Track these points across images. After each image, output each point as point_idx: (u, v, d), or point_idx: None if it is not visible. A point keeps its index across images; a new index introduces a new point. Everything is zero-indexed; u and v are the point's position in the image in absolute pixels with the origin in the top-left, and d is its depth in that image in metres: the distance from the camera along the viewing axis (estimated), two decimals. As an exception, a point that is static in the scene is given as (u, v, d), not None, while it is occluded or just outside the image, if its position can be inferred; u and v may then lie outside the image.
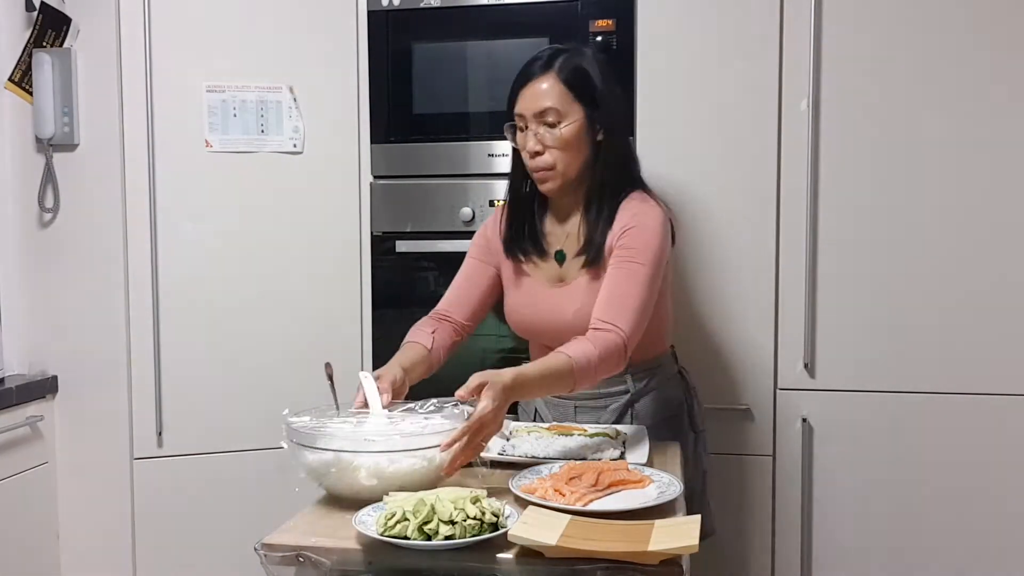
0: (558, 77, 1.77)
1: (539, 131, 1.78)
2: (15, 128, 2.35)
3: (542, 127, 1.78)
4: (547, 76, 1.78)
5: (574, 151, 1.79)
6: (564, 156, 1.78)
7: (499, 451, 1.68)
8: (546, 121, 1.77)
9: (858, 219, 2.22)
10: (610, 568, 1.21)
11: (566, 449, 1.67)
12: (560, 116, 1.76)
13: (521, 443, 1.71)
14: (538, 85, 1.78)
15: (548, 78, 1.77)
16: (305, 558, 1.28)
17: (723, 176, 2.25)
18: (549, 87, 1.77)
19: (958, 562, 2.22)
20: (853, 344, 2.24)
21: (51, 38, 2.31)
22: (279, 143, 2.41)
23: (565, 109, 1.77)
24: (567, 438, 1.72)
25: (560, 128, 1.77)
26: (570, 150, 1.78)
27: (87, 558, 2.39)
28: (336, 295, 2.45)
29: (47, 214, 2.36)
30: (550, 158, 1.78)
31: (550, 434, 1.74)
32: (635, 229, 1.76)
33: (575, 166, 1.80)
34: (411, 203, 2.41)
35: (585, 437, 1.72)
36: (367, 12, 2.39)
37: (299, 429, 1.50)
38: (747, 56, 2.23)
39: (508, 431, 1.79)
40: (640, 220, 1.77)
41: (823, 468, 2.27)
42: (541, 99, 1.77)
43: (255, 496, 2.32)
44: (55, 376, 2.37)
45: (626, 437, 1.74)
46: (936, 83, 2.17)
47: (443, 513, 1.25)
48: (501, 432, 1.75)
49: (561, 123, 1.77)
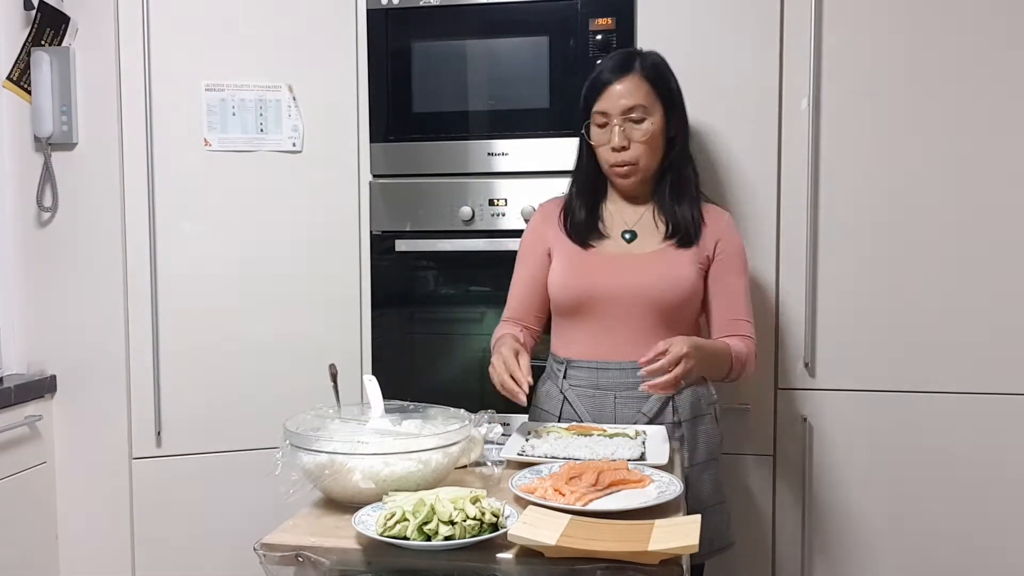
0: (642, 75, 1.88)
1: (625, 127, 1.86)
2: (13, 127, 2.35)
3: (628, 123, 1.87)
4: (631, 75, 1.87)
5: (656, 147, 1.90)
6: (647, 151, 1.89)
7: (519, 451, 1.67)
8: (631, 118, 1.86)
9: (858, 219, 2.22)
10: (610, 568, 1.21)
11: (588, 449, 1.66)
12: (646, 113, 1.87)
13: (540, 444, 1.70)
14: (623, 84, 1.87)
15: (633, 77, 1.87)
16: (304, 558, 1.28)
17: (723, 175, 2.25)
18: (635, 85, 1.87)
19: (959, 561, 2.22)
20: (853, 344, 2.24)
21: (49, 36, 2.31)
22: (278, 142, 2.40)
23: (650, 106, 1.88)
24: (587, 438, 1.71)
25: (646, 124, 1.87)
26: (653, 146, 1.89)
27: (86, 558, 2.38)
28: (335, 294, 2.44)
29: (45, 213, 2.35)
30: (635, 153, 1.88)
31: (569, 434, 1.73)
32: (731, 238, 1.94)
33: (655, 162, 1.92)
34: (410, 202, 2.41)
35: (605, 437, 1.71)
36: (366, 11, 2.39)
37: (295, 431, 1.49)
38: (747, 55, 2.23)
39: (527, 433, 1.78)
40: (731, 228, 1.95)
41: (823, 468, 2.27)
42: (628, 97, 1.86)
43: (254, 496, 2.31)
44: (54, 376, 2.37)
45: (645, 437, 1.73)
46: (936, 82, 2.17)
47: (443, 513, 1.25)
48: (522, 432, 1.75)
49: (647, 119, 1.87)
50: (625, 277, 1.89)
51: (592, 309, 1.90)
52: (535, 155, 2.32)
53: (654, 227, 1.94)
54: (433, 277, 2.44)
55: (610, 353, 1.89)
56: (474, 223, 2.36)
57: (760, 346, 2.00)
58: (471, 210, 2.36)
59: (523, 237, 2.05)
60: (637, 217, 1.96)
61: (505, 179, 2.35)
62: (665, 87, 1.90)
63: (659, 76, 1.90)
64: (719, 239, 1.92)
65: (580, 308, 1.92)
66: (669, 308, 1.88)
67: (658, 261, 1.90)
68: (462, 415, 1.61)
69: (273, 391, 2.35)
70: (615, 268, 1.90)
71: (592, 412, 1.90)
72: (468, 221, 2.36)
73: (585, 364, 1.91)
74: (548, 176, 2.26)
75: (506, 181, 2.35)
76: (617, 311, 1.88)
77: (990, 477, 2.20)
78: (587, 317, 1.91)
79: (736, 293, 1.93)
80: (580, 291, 1.91)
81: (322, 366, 1.77)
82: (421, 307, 2.46)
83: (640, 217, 1.96)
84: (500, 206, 2.35)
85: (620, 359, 1.87)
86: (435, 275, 2.44)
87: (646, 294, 1.87)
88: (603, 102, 1.88)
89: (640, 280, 1.88)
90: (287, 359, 2.40)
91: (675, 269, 1.89)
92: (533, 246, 2.01)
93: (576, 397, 1.92)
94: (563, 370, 1.93)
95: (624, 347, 1.87)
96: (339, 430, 1.55)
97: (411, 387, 2.06)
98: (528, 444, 1.70)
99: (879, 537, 2.25)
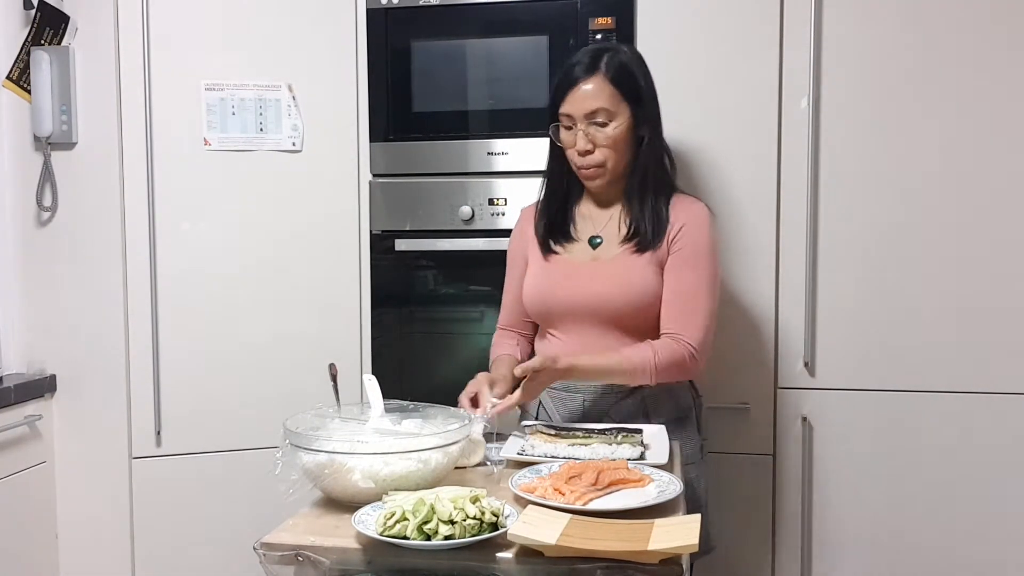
0: (606, 77, 1.82)
1: (589, 131, 1.83)
2: (13, 126, 2.35)
3: (592, 127, 1.83)
4: (595, 77, 1.82)
5: (623, 149, 1.85)
6: (614, 154, 1.84)
7: (519, 451, 1.67)
8: (596, 121, 1.82)
9: (858, 219, 2.22)
10: (610, 567, 1.21)
11: (588, 449, 1.64)
12: (610, 116, 1.82)
13: (540, 444, 1.69)
14: (587, 86, 1.82)
15: (596, 79, 1.82)
16: (304, 557, 1.28)
17: (723, 175, 2.25)
18: (598, 88, 1.82)
19: (958, 560, 2.22)
20: (853, 343, 2.24)
21: (49, 36, 2.31)
22: (278, 141, 2.40)
23: (615, 109, 1.82)
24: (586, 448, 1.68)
25: (610, 127, 1.82)
26: (619, 148, 1.85)
27: (86, 557, 2.38)
28: (335, 293, 2.44)
29: (45, 213, 2.35)
30: (600, 156, 1.84)
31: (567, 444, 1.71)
32: (694, 231, 1.84)
33: (623, 163, 1.87)
34: (410, 201, 2.41)
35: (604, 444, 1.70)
36: (366, 10, 2.39)
37: (294, 430, 1.49)
38: (747, 54, 2.22)
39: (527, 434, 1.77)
40: (698, 222, 1.85)
41: (823, 467, 2.27)
42: (591, 100, 1.81)
43: (254, 495, 2.31)
44: (53, 375, 2.37)
45: (641, 438, 1.72)
46: (936, 81, 2.17)
47: (443, 513, 1.25)
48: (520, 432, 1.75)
49: (611, 122, 1.82)
50: (582, 287, 1.86)
51: (556, 318, 1.90)
52: (535, 154, 2.30)
53: (617, 231, 1.89)
54: (433, 276, 2.44)
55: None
56: (474, 222, 2.36)
57: (760, 345, 2.02)
58: (471, 209, 2.36)
59: (509, 243, 2.04)
60: (605, 220, 1.93)
61: (505, 178, 2.35)
62: (632, 87, 1.83)
63: (624, 76, 1.83)
64: (681, 232, 1.84)
65: (545, 317, 1.93)
66: (625, 314, 1.84)
67: (615, 268, 1.86)
68: (462, 414, 1.62)
69: (273, 390, 2.35)
70: (574, 278, 1.88)
71: (562, 413, 1.90)
72: (468, 220, 2.36)
73: None
74: (548, 175, 2.27)
75: (506, 180, 2.35)
76: (578, 319, 1.86)
77: (990, 477, 2.20)
78: (554, 324, 1.92)
79: (686, 290, 1.82)
80: (541, 302, 1.91)
81: (322, 365, 1.77)
82: (421, 306, 2.46)
83: (608, 220, 1.92)
84: (500, 205, 2.35)
85: None
86: (435, 274, 2.44)
87: (602, 302, 1.83)
88: (567, 104, 1.83)
89: (597, 289, 1.84)
90: (287, 358, 2.40)
91: (630, 276, 1.84)
92: (515, 253, 2.01)
93: (549, 399, 1.93)
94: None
95: (591, 352, 1.83)
96: (339, 429, 1.55)
97: (411, 387, 2.06)
98: (528, 444, 1.70)
99: (879, 536, 2.25)
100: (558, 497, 1.39)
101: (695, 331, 1.81)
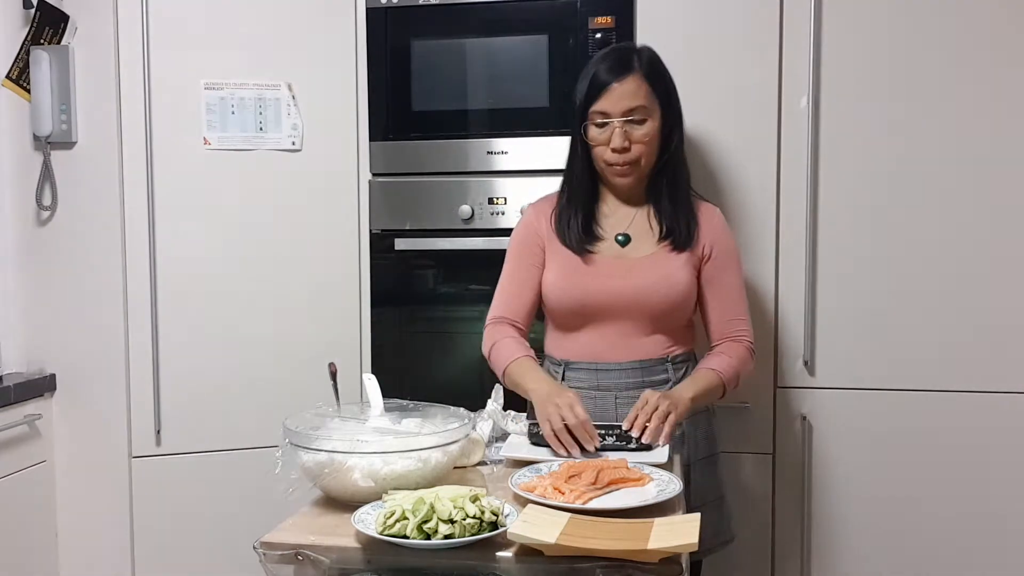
0: (643, 76, 1.85)
1: (626, 128, 1.84)
2: (13, 126, 2.35)
3: (629, 124, 1.84)
4: (633, 75, 1.85)
5: (655, 147, 1.89)
6: (648, 151, 1.88)
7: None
8: (633, 119, 1.84)
9: (858, 218, 2.22)
10: (610, 566, 1.21)
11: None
12: (646, 113, 1.85)
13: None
14: (625, 84, 1.84)
15: (635, 77, 1.85)
16: (304, 556, 1.28)
17: (723, 175, 2.25)
18: (636, 86, 1.85)
19: (958, 560, 2.22)
20: (853, 342, 2.24)
21: (49, 35, 2.30)
22: (277, 141, 2.40)
23: (650, 107, 1.86)
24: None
25: (647, 125, 1.86)
26: (652, 146, 1.88)
27: (85, 556, 2.38)
28: (335, 293, 2.44)
29: (45, 212, 2.35)
30: (636, 153, 1.86)
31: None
32: (724, 237, 1.93)
33: (652, 161, 1.90)
34: (410, 201, 2.41)
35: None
36: (366, 9, 2.39)
37: (294, 429, 1.49)
38: (747, 54, 2.22)
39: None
40: (723, 226, 1.95)
41: (823, 466, 2.27)
42: (629, 98, 1.84)
43: (254, 495, 2.31)
44: (53, 375, 2.37)
45: None
46: (935, 81, 2.17)
47: (442, 512, 1.25)
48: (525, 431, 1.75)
49: (647, 120, 1.85)
50: (621, 282, 1.88)
51: (590, 314, 1.90)
52: (534, 154, 2.32)
53: (648, 229, 1.92)
54: (432, 276, 2.44)
55: (608, 354, 1.89)
56: (473, 222, 2.36)
57: (759, 345, 2.01)
58: (470, 209, 2.36)
59: (515, 234, 2.01)
60: (631, 219, 1.94)
61: (504, 178, 2.35)
62: (664, 86, 1.88)
63: (658, 75, 1.88)
64: (712, 239, 1.91)
65: (578, 313, 1.92)
66: (664, 311, 1.88)
67: (653, 265, 1.89)
68: (461, 414, 1.62)
69: (273, 390, 2.35)
70: (611, 273, 1.89)
71: (594, 413, 1.88)
72: (467, 220, 2.36)
73: (584, 365, 1.91)
74: (547, 175, 2.25)
75: (505, 180, 2.35)
76: (614, 315, 1.87)
77: (990, 476, 2.20)
78: (585, 321, 1.91)
79: (731, 293, 1.92)
80: (577, 297, 1.90)
81: (322, 365, 1.78)
82: (420, 306, 2.46)
83: (633, 219, 1.94)
84: (500, 205, 2.35)
85: (619, 360, 1.88)
86: (434, 274, 2.44)
87: (642, 298, 1.86)
88: (603, 102, 1.85)
89: (636, 284, 1.87)
90: (287, 358, 2.40)
91: (671, 273, 1.88)
92: (528, 244, 1.97)
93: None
94: (561, 371, 1.92)
95: (622, 349, 1.88)
96: (339, 429, 1.55)
97: (410, 386, 2.06)
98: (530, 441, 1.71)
99: (878, 535, 2.25)
100: (558, 496, 1.40)
101: (747, 327, 1.93)
